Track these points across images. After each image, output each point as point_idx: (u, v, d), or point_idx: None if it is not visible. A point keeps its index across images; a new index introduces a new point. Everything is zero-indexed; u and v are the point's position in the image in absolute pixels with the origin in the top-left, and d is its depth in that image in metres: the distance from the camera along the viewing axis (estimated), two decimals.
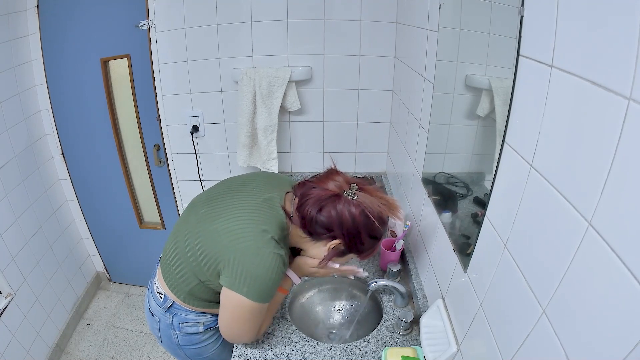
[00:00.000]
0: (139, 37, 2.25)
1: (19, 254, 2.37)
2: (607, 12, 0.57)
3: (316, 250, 1.27)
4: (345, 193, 1.15)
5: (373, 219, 1.14)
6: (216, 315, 1.38)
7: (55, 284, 2.73)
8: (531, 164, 0.78)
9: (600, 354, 0.58)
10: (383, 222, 1.19)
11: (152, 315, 1.44)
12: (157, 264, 1.47)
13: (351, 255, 1.28)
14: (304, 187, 1.21)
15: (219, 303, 1.27)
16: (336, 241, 1.19)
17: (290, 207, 1.24)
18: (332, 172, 1.23)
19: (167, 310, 1.38)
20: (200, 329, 1.42)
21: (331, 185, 1.17)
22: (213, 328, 1.45)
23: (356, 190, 1.16)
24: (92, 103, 2.53)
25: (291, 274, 1.38)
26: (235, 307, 1.19)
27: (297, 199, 1.23)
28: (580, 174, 0.63)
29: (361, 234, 1.16)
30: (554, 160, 0.71)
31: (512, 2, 0.85)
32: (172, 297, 1.36)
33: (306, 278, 1.67)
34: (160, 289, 1.38)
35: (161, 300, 1.38)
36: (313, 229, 1.18)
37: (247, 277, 1.14)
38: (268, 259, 1.14)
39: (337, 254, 1.24)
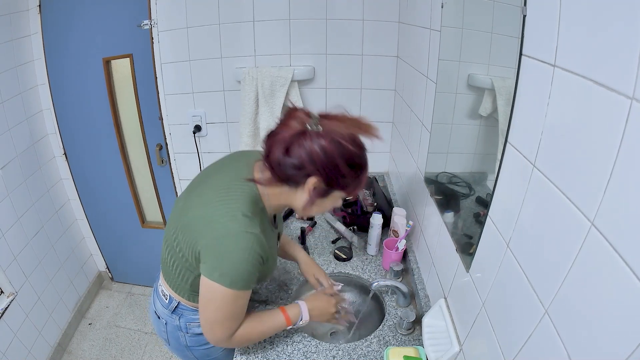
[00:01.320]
0: (141, 36, 2.25)
1: (21, 254, 2.38)
2: (610, 12, 0.57)
3: (299, 200, 1.15)
4: (309, 127, 1.03)
5: (345, 143, 1.04)
6: None
7: (57, 284, 2.74)
8: (534, 163, 0.78)
9: (602, 354, 0.58)
10: (358, 145, 1.09)
11: (159, 318, 1.42)
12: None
13: (337, 193, 1.14)
14: (267, 138, 1.10)
15: None
16: (313, 179, 1.07)
17: (260, 174, 1.17)
18: (291, 112, 1.10)
19: (173, 311, 1.36)
20: None
21: (293, 124, 1.05)
22: None
23: (319, 120, 1.05)
24: (94, 103, 2.54)
25: (304, 307, 1.34)
26: (208, 295, 1.13)
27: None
28: (583, 174, 0.63)
29: (338, 165, 1.05)
30: (557, 160, 0.70)
31: (514, 1, 0.85)
32: (177, 297, 1.33)
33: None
34: (165, 291, 1.36)
35: (166, 302, 1.36)
36: (285, 174, 1.08)
37: (219, 261, 1.08)
38: (239, 239, 1.06)
39: (320, 194, 1.12)
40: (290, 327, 1.33)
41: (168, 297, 1.35)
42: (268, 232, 1.20)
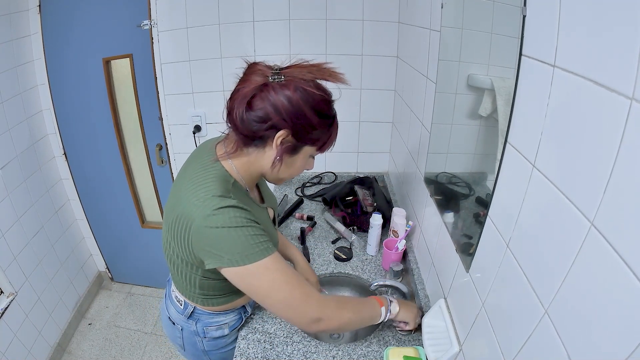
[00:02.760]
0: (141, 36, 2.25)
1: (21, 254, 2.38)
2: (610, 12, 0.57)
3: (269, 161, 1.08)
4: (270, 79, 0.98)
5: (311, 89, 0.99)
6: (240, 311, 1.39)
7: (57, 284, 2.74)
8: (533, 163, 0.78)
9: (602, 354, 0.58)
10: (323, 90, 1.04)
11: (174, 324, 1.38)
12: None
13: (307, 149, 1.09)
14: (229, 98, 1.04)
15: (235, 293, 1.24)
16: (280, 132, 1.01)
17: (222, 150, 1.12)
18: (251, 67, 1.03)
19: (190, 317, 1.32)
20: (226, 331, 1.38)
21: (254, 78, 0.99)
22: (238, 328, 1.42)
23: (280, 70, 0.99)
24: (94, 103, 2.54)
25: (398, 311, 1.33)
26: (248, 282, 1.05)
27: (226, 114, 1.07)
28: (583, 174, 0.63)
29: (305, 113, 1.00)
30: (557, 160, 0.70)
31: (514, 1, 0.85)
32: (192, 303, 1.29)
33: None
34: (179, 297, 1.32)
35: (182, 307, 1.32)
36: (249, 130, 1.01)
37: (222, 249, 1.00)
38: (218, 220, 0.98)
39: (289, 150, 1.06)
40: (384, 310, 1.27)
41: (183, 303, 1.31)
42: (251, 206, 1.12)
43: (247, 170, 1.12)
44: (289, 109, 0.98)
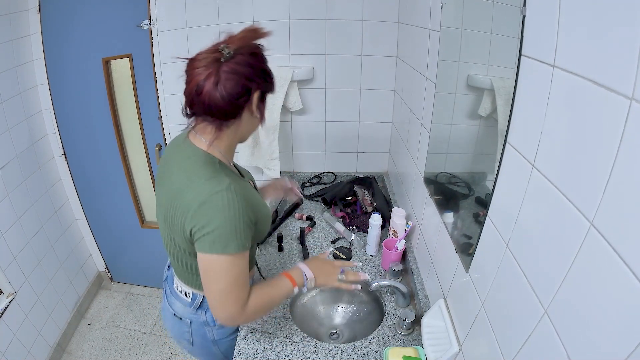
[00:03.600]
0: (141, 36, 2.25)
1: (21, 254, 2.38)
2: (610, 12, 0.57)
3: (248, 125, 1.19)
4: (223, 59, 1.05)
5: (256, 50, 1.14)
6: None
7: (57, 284, 2.74)
8: (533, 163, 0.78)
9: (602, 354, 0.58)
10: (260, 47, 1.17)
11: (181, 319, 1.39)
12: (168, 269, 1.47)
13: (269, 95, 1.19)
14: (197, 96, 1.06)
15: None
16: (257, 94, 1.11)
17: (197, 137, 1.18)
18: (191, 63, 1.09)
19: (199, 307, 1.36)
20: None
21: (203, 71, 1.05)
22: None
23: (226, 46, 1.06)
24: (93, 103, 2.54)
25: (303, 267, 1.32)
26: (207, 269, 1.12)
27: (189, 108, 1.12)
28: (582, 174, 0.63)
29: (264, 68, 1.13)
30: (556, 160, 0.71)
31: (514, 1, 0.85)
32: (200, 292, 1.33)
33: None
34: (185, 290, 1.35)
35: (189, 300, 1.35)
36: (234, 105, 1.08)
37: (206, 230, 1.06)
38: (213, 202, 1.06)
39: (263, 101, 1.16)
40: (297, 289, 1.28)
41: (191, 295, 1.34)
42: (238, 182, 1.17)
43: (230, 146, 1.21)
44: (254, 71, 1.08)
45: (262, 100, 1.15)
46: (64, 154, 2.74)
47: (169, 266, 1.47)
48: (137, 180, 2.85)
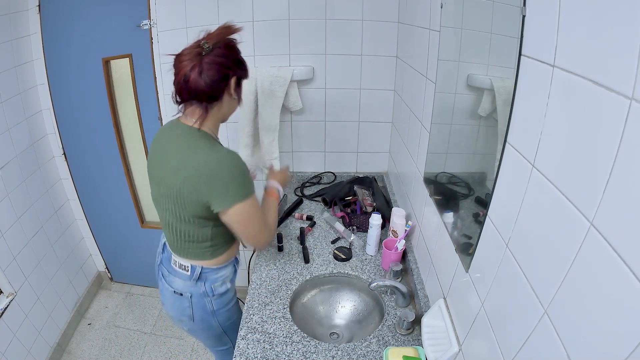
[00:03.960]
0: (141, 36, 2.25)
1: (20, 254, 2.38)
2: (610, 12, 0.57)
3: (228, 106, 1.41)
4: (204, 52, 1.26)
5: (232, 44, 1.34)
6: (233, 263, 1.62)
7: (57, 284, 2.73)
8: (533, 163, 0.78)
9: (602, 354, 0.58)
10: (233, 40, 1.36)
11: (181, 295, 1.54)
12: (162, 252, 1.62)
13: (244, 80, 1.42)
14: (185, 84, 1.28)
15: (233, 237, 1.52)
16: (234, 79, 1.34)
17: (191, 121, 1.36)
18: (178, 57, 1.30)
19: (198, 279, 1.51)
20: (228, 284, 1.59)
21: (188, 63, 1.26)
22: (234, 281, 1.64)
23: (205, 42, 1.28)
24: (93, 103, 2.54)
25: (278, 186, 1.69)
26: (242, 218, 1.36)
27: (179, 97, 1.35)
28: (582, 174, 0.63)
29: (237, 57, 1.36)
30: (556, 160, 0.71)
31: (514, 1, 0.85)
32: (199, 263, 1.50)
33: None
34: (183, 264, 1.51)
35: (189, 273, 1.51)
36: (214, 91, 1.31)
37: (228, 186, 1.30)
38: (227, 159, 1.30)
39: (239, 87, 1.39)
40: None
41: (190, 268, 1.50)
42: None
43: (215, 125, 1.42)
44: (230, 61, 1.31)
45: (238, 84, 1.39)
46: (64, 154, 2.74)
47: (163, 249, 1.62)
48: (137, 180, 2.84)
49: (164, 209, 1.43)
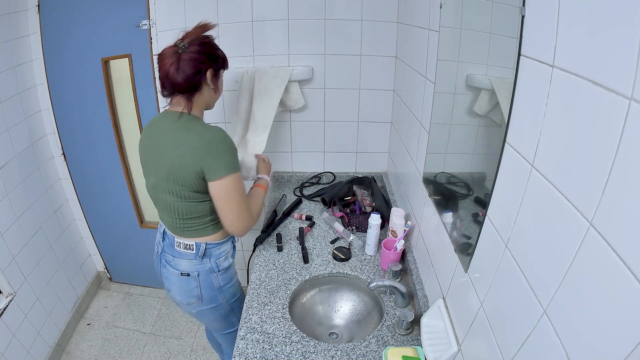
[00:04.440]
0: (140, 36, 2.25)
1: (20, 254, 2.38)
2: (609, 12, 0.57)
3: (208, 95, 1.56)
4: (180, 50, 1.43)
5: (206, 40, 1.49)
6: (232, 239, 1.72)
7: (56, 284, 2.73)
8: (532, 163, 0.78)
9: (601, 354, 0.58)
10: (209, 36, 1.52)
11: (188, 275, 1.62)
12: (163, 240, 1.68)
13: (221, 71, 1.59)
14: (165, 79, 1.46)
15: None
16: (209, 71, 1.48)
17: (180, 109, 1.51)
18: (161, 55, 1.47)
19: (204, 256, 1.61)
20: (230, 259, 1.71)
21: (169, 60, 1.43)
22: (233, 256, 1.75)
23: (182, 40, 1.45)
24: (92, 103, 2.53)
25: (267, 177, 1.84)
26: (225, 192, 1.47)
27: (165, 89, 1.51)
28: (582, 174, 0.63)
29: (211, 52, 1.50)
30: (555, 160, 0.71)
31: (513, 1, 0.85)
32: (203, 240, 1.61)
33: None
34: (187, 244, 1.60)
35: (194, 252, 1.60)
36: (194, 82, 1.46)
37: (219, 157, 1.43)
38: (219, 133, 1.45)
39: (216, 78, 1.54)
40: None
41: (194, 246, 1.60)
42: None
43: (201, 111, 1.57)
44: (204, 57, 1.46)
45: (215, 76, 1.54)
46: (63, 154, 2.74)
47: (163, 237, 1.69)
48: (136, 180, 2.84)
49: (165, 192, 1.53)
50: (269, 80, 2.12)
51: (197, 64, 1.44)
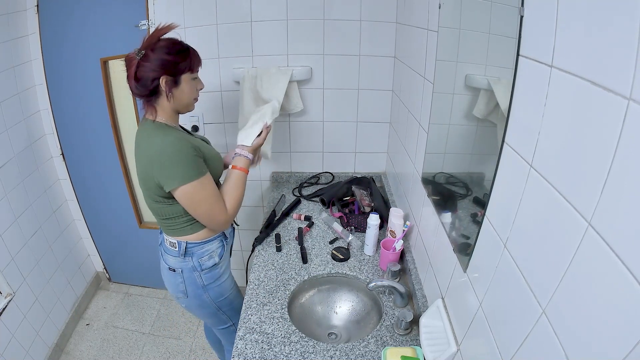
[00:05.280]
0: (139, 37, 2.22)
1: (19, 254, 2.37)
2: (608, 13, 0.57)
3: (168, 101, 1.51)
4: (137, 58, 1.44)
5: (160, 45, 1.45)
6: (221, 238, 1.70)
7: (55, 284, 2.73)
8: (531, 164, 0.78)
9: (600, 354, 0.58)
10: (167, 39, 1.48)
11: (174, 271, 1.66)
12: (160, 233, 1.72)
13: (184, 76, 1.51)
14: (128, 83, 1.49)
15: None
16: (162, 79, 1.45)
17: (147, 114, 1.54)
18: (127, 61, 1.49)
19: (185, 254, 1.63)
20: (216, 259, 1.69)
21: (127, 61, 1.48)
22: (224, 257, 1.73)
23: (139, 50, 1.46)
24: (91, 103, 2.53)
25: (245, 153, 1.66)
26: (188, 200, 1.47)
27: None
28: (580, 174, 0.63)
29: (165, 59, 1.44)
30: (554, 160, 0.71)
31: (512, 2, 0.85)
32: (183, 239, 1.61)
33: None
34: (171, 241, 1.63)
35: (177, 249, 1.62)
36: (148, 90, 1.47)
37: (167, 170, 1.42)
38: (163, 144, 1.42)
39: (172, 84, 1.49)
40: (250, 167, 1.68)
41: (177, 244, 1.62)
42: (186, 135, 1.55)
43: (167, 114, 1.54)
44: (154, 65, 1.43)
45: (173, 82, 1.48)
46: (62, 154, 2.74)
47: (160, 232, 1.72)
48: (135, 181, 2.84)
49: (144, 194, 1.57)
50: (273, 73, 2.12)
51: (148, 72, 1.44)
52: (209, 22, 2.11)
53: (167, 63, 1.45)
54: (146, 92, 1.47)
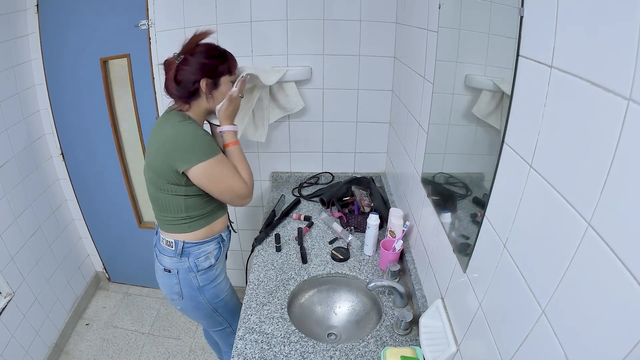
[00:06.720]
0: (139, 36, 2.25)
1: (18, 254, 2.37)
2: (607, 13, 0.57)
3: (205, 102, 1.58)
4: (176, 62, 1.51)
5: (199, 49, 1.53)
6: (218, 240, 1.72)
7: (55, 284, 2.73)
8: (530, 164, 0.78)
9: (599, 355, 0.58)
10: (205, 44, 1.56)
11: (169, 272, 1.66)
12: (156, 234, 1.73)
13: (224, 79, 1.58)
14: (164, 86, 1.58)
15: (212, 212, 1.66)
16: (202, 81, 1.52)
17: (185, 109, 1.59)
18: (165, 65, 1.57)
19: (181, 254, 1.64)
20: (212, 260, 1.69)
21: (167, 65, 1.55)
22: (220, 259, 1.75)
23: (177, 53, 1.53)
24: (91, 103, 2.53)
25: (231, 128, 1.66)
26: (207, 177, 1.51)
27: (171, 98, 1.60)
28: (580, 175, 0.63)
29: (205, 62, 1.52)
30: (554, 160, 0.71)
31: (512, 2, 0.85)
32: (181, 237, 1.63)
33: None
34: (168, 240, 1.64)
35: (173, 249, 1.63)
36: (187, 91, 1.53)
37: (189, 151, 1.47)
38: (182, 129, 1.49)
39: (212, 87, 1.56)
40: (237, 138, 1.70)
41: (173, 243, 1.63)
42: (201, 128, 1.58)
43: (197, 114, 1.60)
44: (194, 68, 1.51)
45: (214, 85, 1.56)
46: (62, 154, 2.74)
47: (156, 232, 1.73)
48: (135, 181, 2.84)
49: (149, 182, 1.61)
50: (268, 70, 2.11)
51: (189, 76, 1.51)
52: (208, 22, 2.11)
53: (207, 66, 1.53)
54: (186, 94, 1.54)
